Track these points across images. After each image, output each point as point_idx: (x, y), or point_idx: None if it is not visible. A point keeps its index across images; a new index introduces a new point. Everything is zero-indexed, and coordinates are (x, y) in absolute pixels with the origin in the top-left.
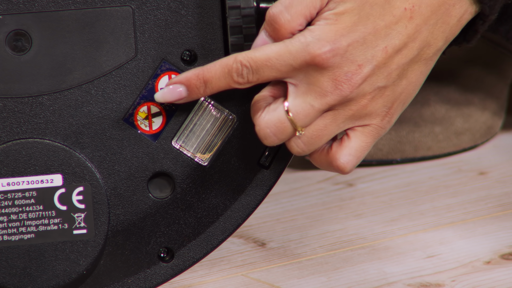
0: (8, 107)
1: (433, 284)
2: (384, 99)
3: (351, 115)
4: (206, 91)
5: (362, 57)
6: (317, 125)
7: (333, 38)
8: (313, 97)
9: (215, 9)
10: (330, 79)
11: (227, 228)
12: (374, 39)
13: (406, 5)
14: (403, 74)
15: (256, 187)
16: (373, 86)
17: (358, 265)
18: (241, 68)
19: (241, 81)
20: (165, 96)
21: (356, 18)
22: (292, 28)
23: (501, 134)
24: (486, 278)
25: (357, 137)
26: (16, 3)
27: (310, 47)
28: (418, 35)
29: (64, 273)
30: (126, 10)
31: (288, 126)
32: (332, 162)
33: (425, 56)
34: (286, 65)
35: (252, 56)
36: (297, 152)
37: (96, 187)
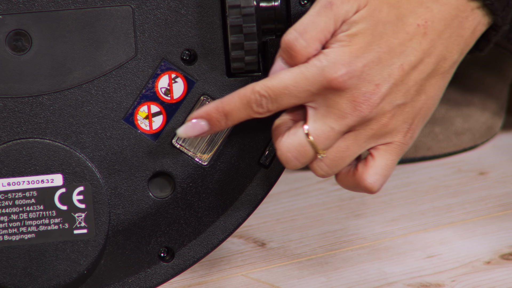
0: (8, 107)
1: (433, 284)
2: (404, 116)
3: (372, 134)
4: (227, 123)
5: (379, 77)
6: (339, 147)
7: (348, 60)
8: (332, 119)
9: (215, 8)
10: (349, 100)
11: (227, 227)
12: (389, 58)
13: (419, 21)
14: (421, 89)
15: (256, 186)
16: (392, 104)
17: (358, 265)
18: (260, 98)
19: (261, 111)
20: (188, 131)
21: (370, 38)
22: (308, 53)
23: (501, 134)
24: (486, 278)
25: (382, 156)
26: (16, 3)
27: (326, 71)
28: (433, 50)
29: (64, 273)
30: (126, 9)
31: (309, 149)
32: (360, 183)
33: (442, 70)
34: (304, 91)
35: (270, 85)
36: (321, 175)
37: (97, 187)
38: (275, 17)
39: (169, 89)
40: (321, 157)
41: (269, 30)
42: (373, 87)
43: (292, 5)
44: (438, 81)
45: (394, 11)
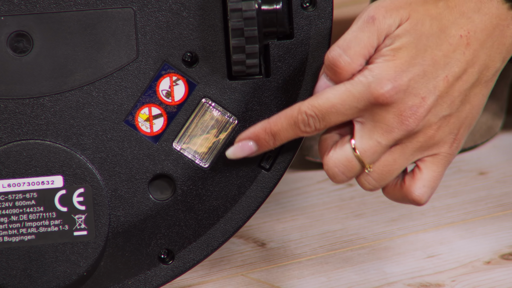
0: (9, 108)
1: (433, 284)
2: (450, 127)
3: (419, 147)
4: (275, 143)
5: (424, 89)
6: (386, 161)
7: (394, 75)
8: (379, 134)
9: (216, 11)
10: (395, 115)
11: (227, 230)
12: (434, 70)
13: (461, 32)
14: (466, 99)
15: (257, 189)
16: (438, 116)
17: (358, 265)
18: (307, 118)
19: (309, 130)
20: (237, 153)
21: (414, 52)
22: (353, 69)
23: (501, 134)
24: (486, 278)
25: (428, 168)
26: (17, 4)
27: (372, 88)
28: (477, 60)
29: (64, 275)
30: (128, 11)
31: (356, 164)
32: (407, 195)
33: (485, 78)
34: (351, 108)
35: (316, 105)
36: (369, 188)
37: (97, 189)
38: (277, 20)
39: (170, 91)
40: (368, 172)
41: (270, 33)
42: (419, 100)
43: (294, 8)
44: (481, 90)
45: (436, 23)
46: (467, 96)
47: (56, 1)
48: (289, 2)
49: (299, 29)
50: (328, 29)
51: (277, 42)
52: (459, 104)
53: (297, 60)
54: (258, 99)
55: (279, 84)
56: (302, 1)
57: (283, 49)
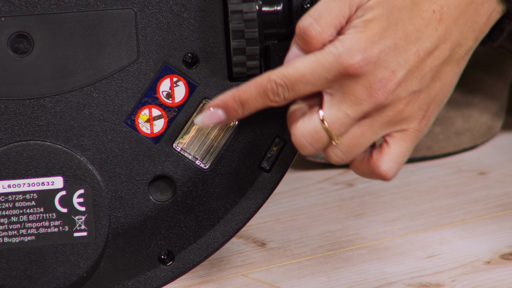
0: (9, 109)
1: (433, 284)
2: (420, 103)
3: (387, 121)
4: (244, 112)
5: (394, 63)
6: (354, 133)
7: (364, 46)
8: (348, 105)
9: (217, 12)
10: (365, 87)
11: (227, 231)
12: (405, 44)
13: (434, 7)
14: (437, 76)
15: (257, 190)
16: (408, 91)
17: (358, 265)
18: (276, 87)
19: (278, 99)
20: (204, 120)
21: (386, 24)
22: (323, 39)
23: (501, 134)
24: (486, 278)
25: (396, 143)
26: (18, 5)
27: (343, 58)
28: (449, 36)
29: (64, 276)
30: (128, 13)
31: (324, 135)
32: (374, 170)
33: (457, 56)
34: (320, 78)
35: (286, 74)
36: (336, 161)
37: (97, 190)
38: (278, 21)
39: (171, 92)
40: (336, 144)
41: (271, 34)
42: (389, 73)
43: (295, 9)
44: (453, 68)
45: None
46: (438, 72)
47: (57, 2)
48: (290, 3)
49: None
50: None
51: (278, 43)
52: (430, 80)
53: None
54: None
55: None
56: (303, 2)
57: (284, 50)
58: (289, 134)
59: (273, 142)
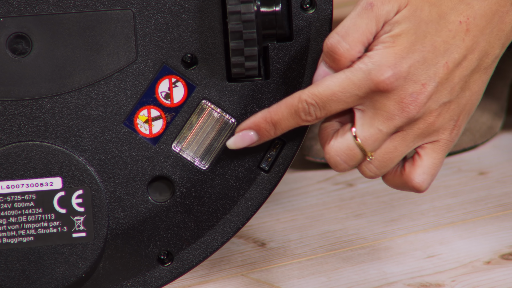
0: (8, 110)
1: (433, 284)
2: (450, 113)
3: (419, 133)
4: (276, 132)
5: (424, 76)
6: (387, 148)
7: (394, 61)
8: (380, 121)
9: (216, 13)
10: (396, 102)
11: (226, 232)
12: (434, 57)
13: (461, 18)
14: (466, 86)
15: (256, 191)
16: (439, 103)
17: (358, 265)
18: (308, 107)
19: (310, 119)
20: (237, 143)
21: (414, 38)
22: (352, 56)
23: (501, 134)
24: (486, 278)
25: (428, 155)
26: (17, 6)
27: (373, 75)
28: (476, 46)
29: (63, 276)
30: (127, 13)
31: (358, 152)
32: (407, 182)
33: (485, 65)
34: (351, 96)
35: (317, 93)
36: (370, 176)
37: (96, 190)
38: (276, 22)
39: (169, 93)
40: (370, 160)
41: (270, 35)
42: (419, 87)
43: (293, 10)
44: (481, 77)
45: (435, 9)
46: (467, 82)
47: (55, 2)
48: (288, 4)
49: (299, 31)
50: (327, 31)
51: (277, 44)
52: (459, 90)
53: (296, 62)
54: (257, 101)
55: (278, 86)
56: (302, 3)
57: (283, 51)
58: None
59: (273, 142)
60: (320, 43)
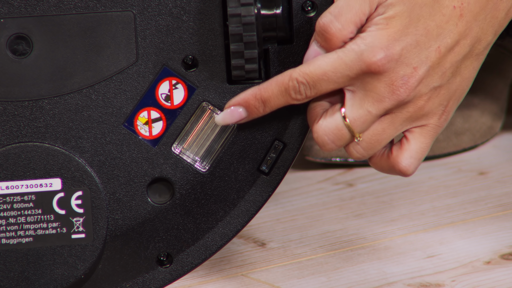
0: (8, 111)
1: (433, 284)
2: (440, 98)
3: (408, 117)
4: (265, 109)
5: (416, 59)
6: (375, 130)
7: (386, 43)
8: (370, 103)
9: (216, 15)
10: (387, 84)
11: (226, 234)
12: (426, 40)
13: (455, 3)
14: (457, 71)
15: (256, 193)
16: (429, 87)
17: (358, 265)
18: (298, 85)
19: (299, 97)
20: (226, 118)
21: (407, 21)
22: (344, 36)
23: (501, 134)
24: (486, 278)
25: (416, 139)
26: (17, 6)
27: (365, 56)
28: (469, 32)
29: (62, 277)
30: (128, 15)
31: (346, 132)
32: (394, 166)
33: (477, 51)
34: (342, 76)
35: (308, 72)
36: (356, 157)
37: (95, 192)
38: (277, 25)
39: (170, 95)
40: (358, 141)
41: (270, 37)
42: (411, 70)
43: (294, 12)
44: (472, 63)
45: None
46: (458, 68)
47: (56, 4)
48: (289, 6)
49: (300, 33)
50: None
51: (277, 46)
52: (450, 75)
53: (297, 64)
54: None
55: None
56: (303, 5)
57: (283, 53)
58: (289, 136)
59: (273, 145)
60: None
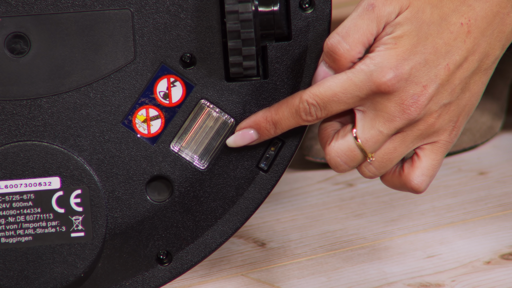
0: (6, 110)
1: (433, 284)
2: (450, 115)
3: (419, 134)
4: (276, 131)
5: (426, 78)
6: (387, 149)
7: (395, 63)
8: (381, 123)
9: (214, 12)
10: (397, 103)
11: (225, 231)
12: (435, 58)
13: (462, 20)
14: (466, 87)
15: (255, 190)
16: (439, 104)
17: (358, 265)
18: (308, 107)
19: (310, 119)
20: (237, 141)
21: (415, 40)
22: (352, 57)
23: (501, 134)
24: (486, 278)
25: (427, 156)
26: (15, 5)
27: (374, 76)
28: (477, 47)
29: (61, 276)
30: (125, 13)
31: (359, 153)
32: (406, 183)
33: (485, 66)
34: (352, 97)
35: (318, 93)
36: (369, 176)
37: (94, 190)
38: (274, 22)
39: (168, 93)
40: (370, 160)
41: (268, 35)
42: (420, 89)
43: (292, 9)
44: (481, 78)
45: (437, 11)
46: (467, 84)
47: (54, 2)
48: (287, 3)
49: (297, 30)
50: (326, 31)
51: (275, 43)
52: (460, 92)
53: (295, 61)
54: (256, 100)
55: (277, 85)
56: (301, 2)
57: (281, 50)
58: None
59: (271, 142)
60: (318, 42)
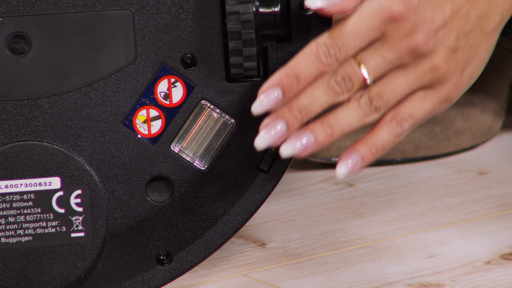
0: (7, 110)
1: (433, 284)
2: (455, 62)
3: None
4: (299, 85)
5: (432, 13)
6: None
7: None
8: (385, 49)
9: (215, 13)
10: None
11: (225, 232)
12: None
13: None
14: (470, 43)
15: (255, 191)
16: (444, 44)
17: (358, 265)
18: (327, 49)
19: (330, 61)
20: (263, 104)
21: None
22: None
23: (501, 134)
24: (486, 278)
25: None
26: (16, 5)
27: (385, 5)
28: (476, 2)
29: (61, 276)
30: (126, 13)
31: (357, 71)
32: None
33: (486, 29)
34: (367, 29)
35: (333, 34)
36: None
37: (94, 190)
38: (275, 23)
39: (168, 93)
40: (369, 83)
41: (269, 35)
42: (427, 21)
43: (293, 10)
44: (483, 40)
45: None
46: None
47: (55, 2)
48: (287, 4)
49: (298, 31)
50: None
51: (276, 44)
52: (464, 43)
53: None
54: None
55: None
56: (301, 3)
57: (282, 51)
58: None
59: None
60: None
